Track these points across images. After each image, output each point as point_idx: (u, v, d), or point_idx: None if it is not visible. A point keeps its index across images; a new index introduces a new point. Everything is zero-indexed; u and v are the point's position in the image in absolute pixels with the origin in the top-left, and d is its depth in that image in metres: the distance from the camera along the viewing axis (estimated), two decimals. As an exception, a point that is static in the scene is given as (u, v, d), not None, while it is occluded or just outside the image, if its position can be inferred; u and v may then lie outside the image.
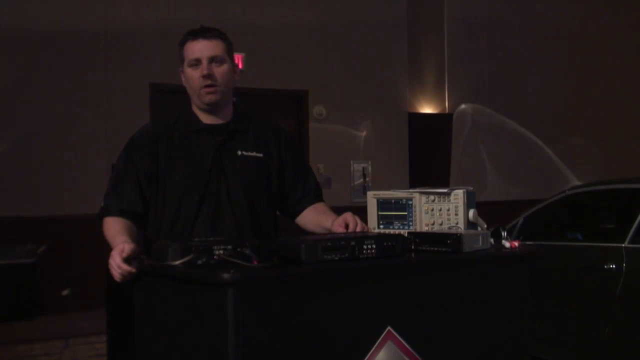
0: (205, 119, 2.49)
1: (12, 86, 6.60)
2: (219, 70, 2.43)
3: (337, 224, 2.33)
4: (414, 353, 2.01)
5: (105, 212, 2.42)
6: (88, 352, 5.21)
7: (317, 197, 2.60)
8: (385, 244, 2.00)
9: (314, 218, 2.53)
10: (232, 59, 2.49)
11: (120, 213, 2.39)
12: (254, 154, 2.48)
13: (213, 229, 2.38)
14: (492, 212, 3.62)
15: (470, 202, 2.29)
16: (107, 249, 2.23)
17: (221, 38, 2.46)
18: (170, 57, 2.52)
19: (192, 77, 2.43)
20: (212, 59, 2.41)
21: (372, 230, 2.37)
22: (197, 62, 2.42)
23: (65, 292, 6.32)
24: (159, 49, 6.76)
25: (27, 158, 6.63)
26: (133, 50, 7.05)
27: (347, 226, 2.30)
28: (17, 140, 6.61)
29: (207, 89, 2.41)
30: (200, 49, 2.41)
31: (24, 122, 6.62)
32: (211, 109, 2.47)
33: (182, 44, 2.47)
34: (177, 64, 2.51)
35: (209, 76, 2.40)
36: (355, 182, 8.13)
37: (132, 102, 6.96)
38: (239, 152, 2.46)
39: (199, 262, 1.92)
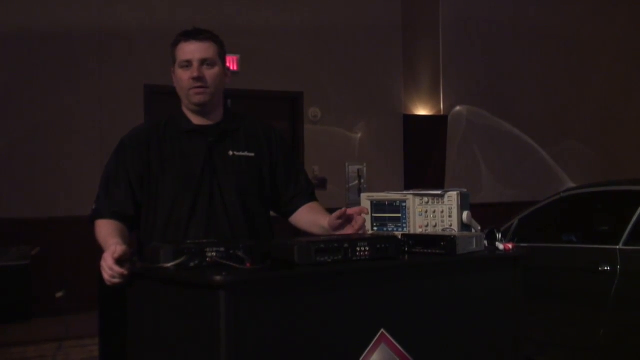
0: (196, 120, 2.48)
1: (6, 88, 6.59)
2: (210, 73, 2.42)
3: (334, 216, 2.30)
4: (408, 355, 2.00)
5: (97, 214, 2.41)
6: (81, 354, 5.19)
7: (310, 196, 2.60)
8: (378, 246, 1.99)
9: (310, 217, 2.53)
10: (223, 61, 2.49)
11: (112, 215, 2.38)
12: (245, 153, 2.48)
13: (207, 230, 2.37)
14: (486, 214, 3.62)
15: (464, 204, 2.29)
16: (100, 251, 2.22)
17: (214, 40, 2.46)
18: (165, 59, 2.52)
19: (182, 78, 2.43)
20: (203, 62, 2.41)
21: (366, 232, 2.36)
22: (187, 64, 2.41)
23: (59, 295, 6.31)
24: (153, 50, 6.74)
25: (21, 160, 6.61)
26: (128, 52, 7.04)
27: (346, 219, 2.28)
28: (10, 142, 6.59)
29: (196, 90, 2.41)
30: (192, 50, 2.41)
31: (18, 124, 6.61)
32: (201, 110, 2.46)
33: (175, 44, 2.46)
34: (171, 64, 2.51)
35: (198, 78, 2.40)
36: (351, 184, 8.12)
37: (127, 103, 6.95)
38: (231, 153, 2.46)
39: (192, 264, 1.91)
